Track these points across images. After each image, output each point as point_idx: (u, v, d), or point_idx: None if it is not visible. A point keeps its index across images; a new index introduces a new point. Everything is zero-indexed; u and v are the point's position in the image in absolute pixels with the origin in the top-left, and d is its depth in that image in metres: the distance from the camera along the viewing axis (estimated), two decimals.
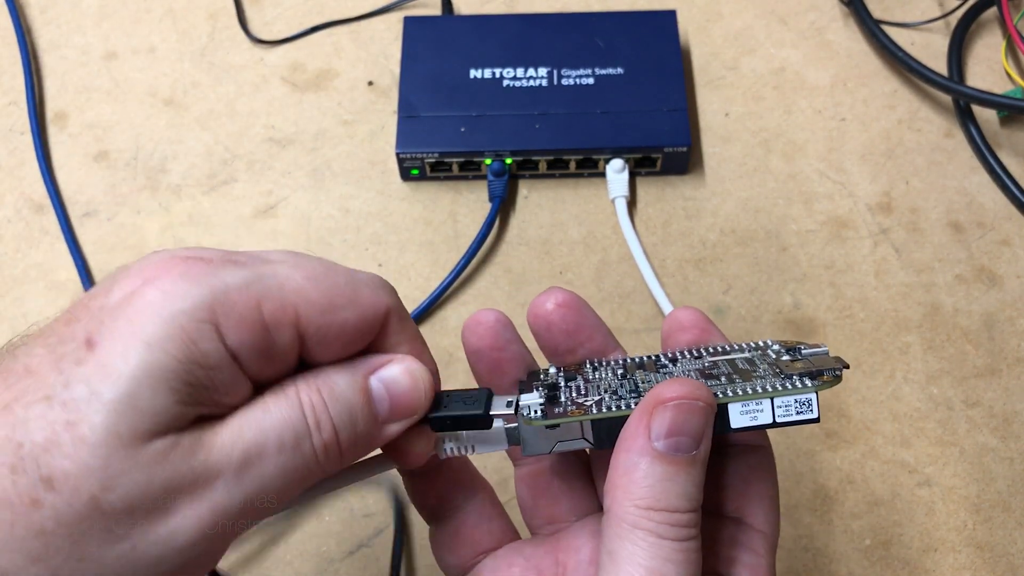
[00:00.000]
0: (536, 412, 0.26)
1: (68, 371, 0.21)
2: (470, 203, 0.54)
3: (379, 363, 0.26)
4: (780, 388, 0.25)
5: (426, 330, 0.50)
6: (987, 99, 0.52)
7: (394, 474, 0.32)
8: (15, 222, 0.54)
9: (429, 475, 0.30)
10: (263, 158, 0.56)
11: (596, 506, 0.31)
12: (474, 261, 0.52)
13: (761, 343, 0.29)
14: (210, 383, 0.22)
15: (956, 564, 0.44)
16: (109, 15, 0.62)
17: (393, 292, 0.26)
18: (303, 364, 0.25)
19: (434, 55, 0.56)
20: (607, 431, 0.26)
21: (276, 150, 0.56)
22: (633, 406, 0.25)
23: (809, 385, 0.25)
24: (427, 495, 0.31)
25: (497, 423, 0.27)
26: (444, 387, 0.28)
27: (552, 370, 0.30)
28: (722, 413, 0.25)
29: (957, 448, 0.46)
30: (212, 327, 0.22)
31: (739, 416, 0.25)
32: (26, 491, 0.20)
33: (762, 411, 0.25)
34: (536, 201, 0.54)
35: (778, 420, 0.25)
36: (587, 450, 0.30)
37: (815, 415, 0.25)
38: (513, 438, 0.28)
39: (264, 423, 0.23)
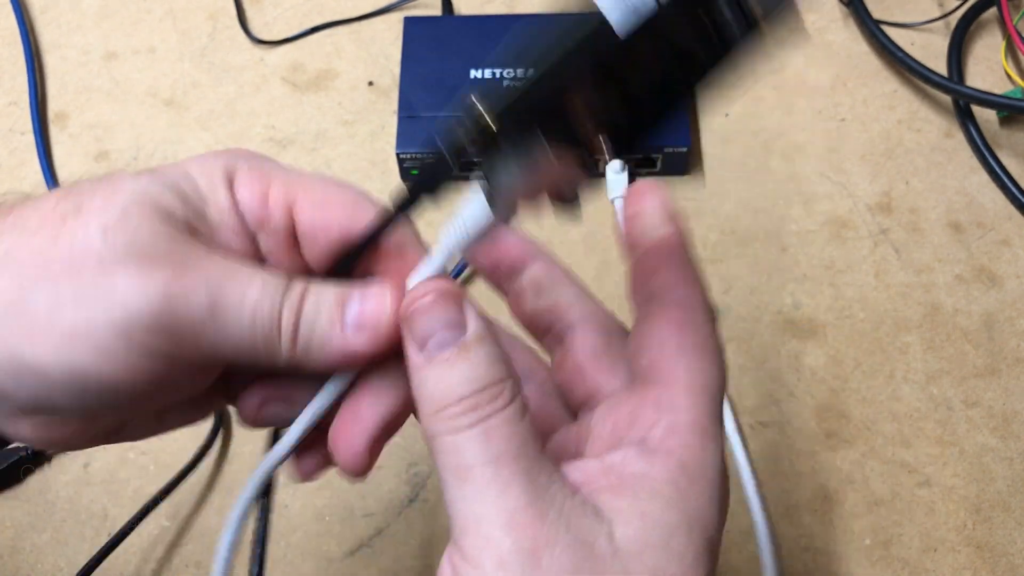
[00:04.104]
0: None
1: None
2: None
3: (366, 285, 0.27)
4: None
5: None
6: (987, 99, 0.52)
7: None
8: None
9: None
10: None
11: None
12: None
13: None
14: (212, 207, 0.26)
15: (956, 564, 0.44)
16: (109, 15, 0.62)
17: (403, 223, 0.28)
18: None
19: (434, 55, 0.56)
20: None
21: (276, 150, 0.56)
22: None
23: None
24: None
25: (475, 192, 0.26)
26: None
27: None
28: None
29: (957, 448, 0.46)
30: (227, 179, 0.26)
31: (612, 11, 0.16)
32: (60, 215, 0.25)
33: None
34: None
35: None
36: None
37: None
38: (491, 200, 0.25)
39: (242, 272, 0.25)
